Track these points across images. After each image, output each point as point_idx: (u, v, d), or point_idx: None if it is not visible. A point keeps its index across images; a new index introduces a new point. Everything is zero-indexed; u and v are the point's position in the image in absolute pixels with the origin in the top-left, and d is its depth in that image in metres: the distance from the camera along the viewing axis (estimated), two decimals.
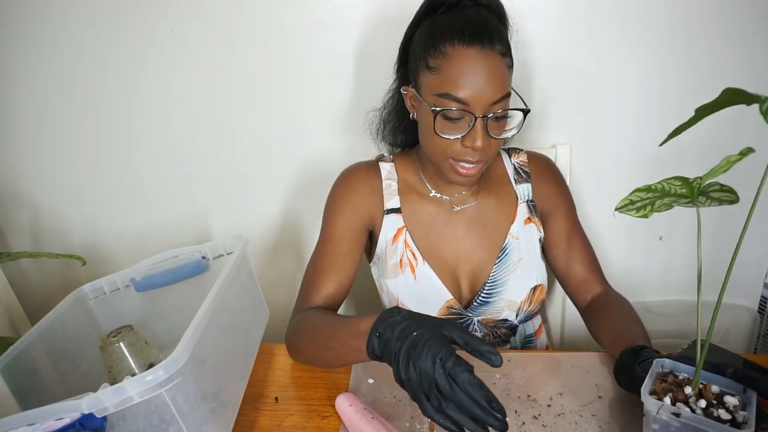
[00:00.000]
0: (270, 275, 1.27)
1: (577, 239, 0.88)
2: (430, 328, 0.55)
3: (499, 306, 0.86)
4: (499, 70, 0.70)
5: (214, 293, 0.67)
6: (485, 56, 0.68)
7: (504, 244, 0.86)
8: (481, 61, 0.68)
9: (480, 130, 0.70)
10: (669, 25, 0.99)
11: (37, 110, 1.16)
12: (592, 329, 0.83)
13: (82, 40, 1.08)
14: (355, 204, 0.86)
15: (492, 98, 0.69)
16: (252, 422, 0.70)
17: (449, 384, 0.51)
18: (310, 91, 1.10)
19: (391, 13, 1.00)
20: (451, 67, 0.69)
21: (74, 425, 0.48)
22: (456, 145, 0.73)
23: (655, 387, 0.56)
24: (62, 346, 0.76)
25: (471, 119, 0.70)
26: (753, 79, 1.02)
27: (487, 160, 0.76)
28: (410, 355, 0.53)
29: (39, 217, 1.27)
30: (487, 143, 0.72)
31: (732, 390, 0.54)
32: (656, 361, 0.59)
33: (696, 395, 0.54)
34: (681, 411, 0.51)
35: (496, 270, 0.86)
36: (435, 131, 0.72)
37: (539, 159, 0.91)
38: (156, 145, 1.18)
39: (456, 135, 0.72)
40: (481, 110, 0.70)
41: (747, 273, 1.19)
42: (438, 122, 0.72)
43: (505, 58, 0.71)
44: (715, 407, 0.52)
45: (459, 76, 0.69)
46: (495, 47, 0.69)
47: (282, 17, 1.04)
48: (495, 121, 0.72)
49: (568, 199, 0.90)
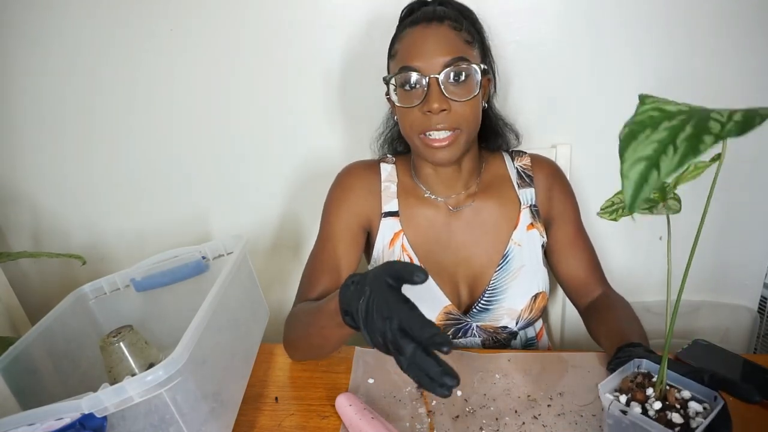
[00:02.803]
0: (270, 275, 1.27)
1: (581, 244, 0.87)
2: (375, 289, 0.55)
3: (499, 313, 0.85)
4: (448, 36, 0.74)
5: (214, 293, 0.67)
6: (433, 28, 0.74)
7: (505, 250, 0.85)
8: (429, 32, 0.74)
9: (435, 92, 0.72)
10: (669, 26, 0.99)
11: (37, 110, 1.16)
12: (591, 330, 0.83)
13: (81, 41, 1.08)
14: (351, 204, 0.86)
15: (442, 60, 0.72)
16: (252, 422, 0.70)
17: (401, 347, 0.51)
18: (309, 91, 1.10)
19: (391, 13, 1.00)
20: (404, 44, 0.76)
21: (74, 425, 0.48)
22: (420, 114, 0.75)
23: (621, 385, 0.57)
24: (62, 346, 0.76)
25: (425, 86, 0.73)
26: (753, 80, 1.02)
27: (457, 130, 0.75)
28: (367, 324, 0.54)
29: (39, 217, 1.27)
30: (446, 104, 0.73)
31: (706, 397, 0.54)
32: (633, 361, 0.59)
33: (658, 397, 0.54)
34: (628, 409, 0.52)
35: (496, 277, 0.85)
36: (397, 104, 0.76)
37: (543, 163, 0.89)
38: (156, 145, 1.18)
39: (415, 103, 0.74)
40: (431, 72, 0.73)
41: (747, 273, 1.19)
42: (399, 95, 0.76)
43: (459, 32, 0.75)
44: (671, 411, 0.52)
45: (410, 47, 0.75)
46: (444, 22, 0.74)
47: (282, 17, 1.04)
48: (453, 84, 0.73)
49: (573, 204, 0.89)
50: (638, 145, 0.36)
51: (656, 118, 0.37)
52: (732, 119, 0.34)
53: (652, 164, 0.34)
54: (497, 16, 0.99)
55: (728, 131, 0.34)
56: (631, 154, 0.35)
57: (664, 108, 0.38)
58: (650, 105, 0.39)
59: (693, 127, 0.35)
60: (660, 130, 0.36)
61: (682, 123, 0.36)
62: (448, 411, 0.69)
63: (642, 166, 0.35)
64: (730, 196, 1.11)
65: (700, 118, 0.36)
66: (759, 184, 1.10)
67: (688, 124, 0.35)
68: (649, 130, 0.36)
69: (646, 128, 0.37)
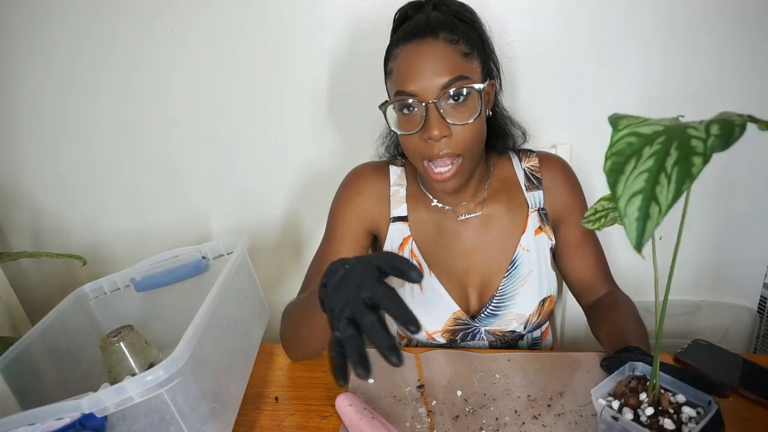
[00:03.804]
0: (270, 275, 1.27)
1: (589, 244, 0.86)
2: (358, 265, 0.55)
3: (507, 319, 0.84)
4: (443, 54, 0.69)
5: (214, 293, 0.67)
6: (426, 46, 0.69)
7: (513, 256, 0.84)
8: (422, 51, 0.69)
9: (434, 118, 0.69)
10: (670, 26, 0.99)
11: (38, 110, 1.16)
12: (594, 329, 0.83)
13: (81, 41, 1.09)
14: (359, 207, 0.85)
15: (439, 83, 0.68)
16: (252, 422, 0.70)
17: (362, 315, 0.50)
18: (310, 91, 1.10)
19: (392, 13, 1.00)
20: (398, 65, 0.71)
21: (74, 425, 0.48)
22: (420, 141, 0.71)
23: (616, 389, 0.57)
24: (62, 346, 0.76)
25: (424, 110, 0.70)
26: (753, 80, 1.02)
27: (460, 157, 0.72)
28: (336, 288, 0.54)
29: (39, 217, 1.27)
30: (447, 131, 0.69)
31: (700, 401, 0.54)
32: (629, 364, 0.59)
33: (651, 403, 0.54)
34: (619, 416, 0.52)
35: (505, 283, 0.84)
36: (396, 130, 0.73)
37: (552, 162, 0.86)
38: (156, 145, 1.18)
39: (415, 129, 0.71)
40: (429, 97, 0.69)
41: (747, 273, 1.19)
42: (398, 121, 0.73)
43: (456, 45, 0.70)
44: (664, 416, 0.52)
45: (404, 70, 0.70)
46: (438, 36, 0.69)
47: (282, 18, 1.04)
48: (453, 106, 0.70)
49: (582, 203, 0.86)
50: (627, 179, 0.34)
51: (635, 144, 0.36)
52: (710, 133, 0.33)
53: (649, 197, 0.33)
54: (497, 16, 0.99)
55: (712, 147, 0.32)
56: (623, 188, 0.34)
57: (639, 132, 0.37)
58: (625, 130, 0.37)
59: (678, 150, 0.34)
60: (644, 158, 0.34)
61: (664, 146, 0.34)
62: (448, 411, 0.69)
63: (638, 200, 0.33)
64: (730, 197, 1.11)
65: (681, 139, 0.34)
66: (759, 184, 1.10)
67: (672, 147, 0.34)
68: (634, 160, 0.35)
69: (629, 158, 0.35)
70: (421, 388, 0.73)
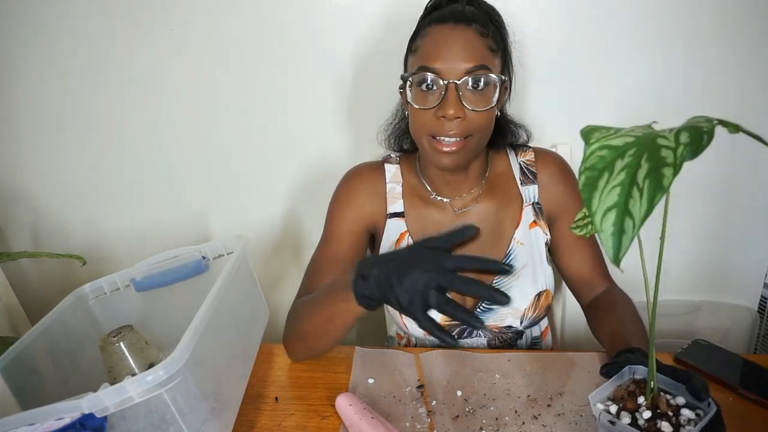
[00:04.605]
0: (270, 276, 1.27)
1: (585, 240, 0.86)
2: (413, 249, 0.59)
3: (503, 313, 0.85)
4: (473, 42, 0.72)
5: (214, 293, 0.67)
6: (459, 30, 0.72)
7: (508, 249, 0.85)
8: (454, 34, 0.72)
9: (452, 98, 0.71)
10: (670, 26, 0.99)
11: (38, 110, 1.16)
12: (593, 327, 0.83)
13: (81, 41, 1.09)
14: (357, 206, 0.86)
15: (464, 67, 0.71)
16: (252, 422, 0.70)
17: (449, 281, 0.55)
18: (310, 91, 1.10)
19: (394, 13, 1.00)
20: (427, 43, 0.74)
21: (74, 425, 0.48)
22: (433, 117, 0.73)
23: (615, 393, 0.57)
24: (62, 346, 0.76)
25: (443, 89, 0.72)
26: (753, 81, 1.02)
27: (468, 138, 0.74)
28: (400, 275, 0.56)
29: (39, 217, 1.27)
30: (461, 113, 0.71)
31: (701, 403, 0.54)
32: (628, 368, 0.59)
33: (648, 406, 0.54)
34: (616, 420, 0.53)
35: (499, 276, 0.84)
36: (411, 103, 0.75)
37: (547, 157, 0.88)
38: (156, 145, 1.18)
39: (430, 105, 0.73)
40: (451, 77, 0.71)
41: (747, 273, 1.19)
42: (414, 93, 0.74)
43: (485, 38, 0.73)
44: (662, 419, 0.52)
45: (432, 47, 0.72)
46: (471, 25, 0.72)
47: (283, 17, 1.04)
48: (471, 91, 0.72)
49: (578, 200, 0.86)
50: (601, 194, 0.35)
51: (606, 158, 0.36)
52: (680, 142, 0.34)
53: (623, 212, 0.34)
54: None
55: (682, 157, 0.33)
56: (597, 204, 0.35)
57: (610, 144, 0.37)
58: (596, 144, 0.38)
59: (648, 161, 0.34)
60: (616, 172, 0.35)
61: (635, 159, 0.35)
62: (448, 411, 0.69)
63: (613, 215, 0.34)
64: (730, 197, 1.11)
65: (650, 150, 0.34)
66: (759, 184, 1.10)
67: (642, 160, 0.34)
68: (607, 174, 0.35)
69: (602, 172, 0.36)
70: (421, 388, 0.73)
